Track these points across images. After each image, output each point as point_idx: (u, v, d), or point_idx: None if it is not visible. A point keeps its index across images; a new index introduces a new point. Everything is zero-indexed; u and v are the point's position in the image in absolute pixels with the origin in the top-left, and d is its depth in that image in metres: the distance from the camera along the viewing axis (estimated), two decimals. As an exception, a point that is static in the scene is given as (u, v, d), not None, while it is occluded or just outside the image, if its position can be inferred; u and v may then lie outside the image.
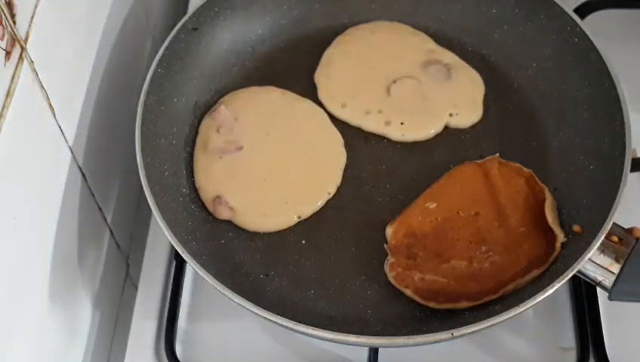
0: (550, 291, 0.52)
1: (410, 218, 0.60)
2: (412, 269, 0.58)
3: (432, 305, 0.56)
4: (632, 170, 0.58)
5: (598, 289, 0.59)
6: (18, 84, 0.47)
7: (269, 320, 0.52)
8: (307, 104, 0.68)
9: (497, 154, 0.63)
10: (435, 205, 0.61)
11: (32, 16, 0.49)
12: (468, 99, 0.68)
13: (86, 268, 0.63)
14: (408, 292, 0.57)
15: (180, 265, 0.64)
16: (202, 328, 0.63)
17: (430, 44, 0.71)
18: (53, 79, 0.52)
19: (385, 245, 0.60)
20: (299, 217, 0.62)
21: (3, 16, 0.45)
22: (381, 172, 0.65)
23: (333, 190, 0.64)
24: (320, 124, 0.67)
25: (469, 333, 0.51)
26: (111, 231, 0.68)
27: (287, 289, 0.59)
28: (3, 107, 0.45)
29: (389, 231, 0.60)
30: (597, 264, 0.54)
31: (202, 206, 0.63)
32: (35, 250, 0.52)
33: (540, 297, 0.52)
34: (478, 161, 0.63)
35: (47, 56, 0.51)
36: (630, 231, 0.55)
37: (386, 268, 0.59)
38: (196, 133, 0.66)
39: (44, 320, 0.54)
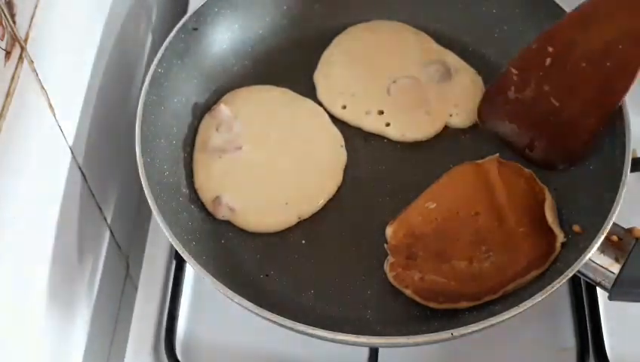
0: (550, 291, 0.52)
1: (410, 218, 0.60)
2: (412, 269, 0.58)
3: (432, 305, 0.56)
4: (632, 170, 0.58)
5: (598, 289, 0.59)
6: (18, 84, 0.47)
7: (269, 319, 0.52)
8: (307, 104, 0.68)
9: (497, 155, 0.63)
10: (434, 205, 0.61)
11: (32, 16, 0.49)
12: (468, 99, 0.68)
13: (86, 268, 0.63)
14: (408, 292, 0.57)
15: (180, 265, 0.64)
16: (202, 328, 0.63)
17: (430, 43, 0.71)
18: (53, 79, 0.52)
19: (385, 245, 0.60)
20: (299, 217, 0.62)
21: (3, 16, 0.45)
22: (381, 172, 0.65)
23: (333, 190, 0.64)
24: (320, 124, 0.67)
25: (469, 333, 0.51)
26: (111, 231, 0.68)
27: (287, 289, 0.59)
28: (3, 107, 0.45)
29: (389, 231, 0.60)
30: (597, 264, 0.54)
31: (202, 206, 0.63)
32: (35, 250, 0.52)
33: (540, 297, 0.52)
34: (478, 161, 0.63)
35: (47, 56, 0.51)
36: (630, 231, 0.55)
37: (386, 268, 0.59)
38: (196, 133, 0.66)
39: (44, 320, 0.54)
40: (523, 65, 0.63)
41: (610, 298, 0.55)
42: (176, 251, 0.55)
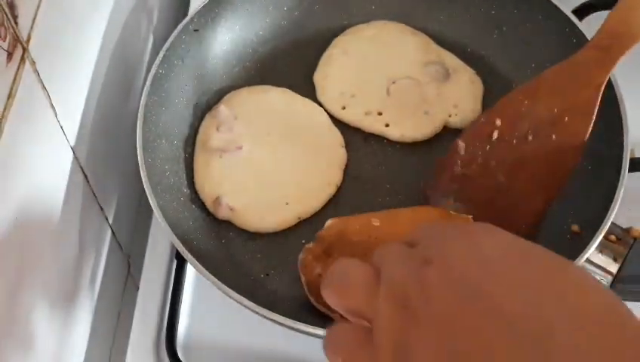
0: (549, 290, 0.52)
1: (350, 223, 0.58)
2: (319, 262, 0.56)
3: (312, 300, 0.55)
4: (631, 170, 0.59)
5: (597, 289, 0.59)
6: (20, 85, 0.47)
7: (269, 318, 0.52)
8: (307, 104, 0.68)
9: (471, 217, 0.58)
10: (378, 224, 0.58)
11: (34, 17, 0.49)
12: (467, 100, 0.68)
13: (88, 268, 0.63)
14: (303, 279, 0.56)
15: (181, 264, 0.64)
16: (203, 327, 0.63)
17: (430, 44, 0.72)
18: (54, 80, 0.52)
19: (317, 233, 0.58)
20: (299, 217, 0.62)
21: (5, 17, 0.45)
22: (381, 172, 0.65)
23: (333, 190, 0.64)
24: (320, 124, 0.67)
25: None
26: (112, 231, 0.68)
27: (287, 289, 0.59)
28: (5, 108, 0.46)
29: (328, 223, 0.58)
30: (595, 264, 0.55)
31: (203, 206, 0.63)
32: (36, 250, 0.53)
33: (539, 296, 0.52)
34: (451, 212, 0.59)
35: (49, 57, 0.52)
36: (628, 230, 0.56)
37: (303, 251, 0.57)
38: (197, 134, 0.66)
39: (45, 320, 0.55)
40: (470, 138, 0.61)
41: (609, 297, 0.55)
42: (177, 251, 0.56)
